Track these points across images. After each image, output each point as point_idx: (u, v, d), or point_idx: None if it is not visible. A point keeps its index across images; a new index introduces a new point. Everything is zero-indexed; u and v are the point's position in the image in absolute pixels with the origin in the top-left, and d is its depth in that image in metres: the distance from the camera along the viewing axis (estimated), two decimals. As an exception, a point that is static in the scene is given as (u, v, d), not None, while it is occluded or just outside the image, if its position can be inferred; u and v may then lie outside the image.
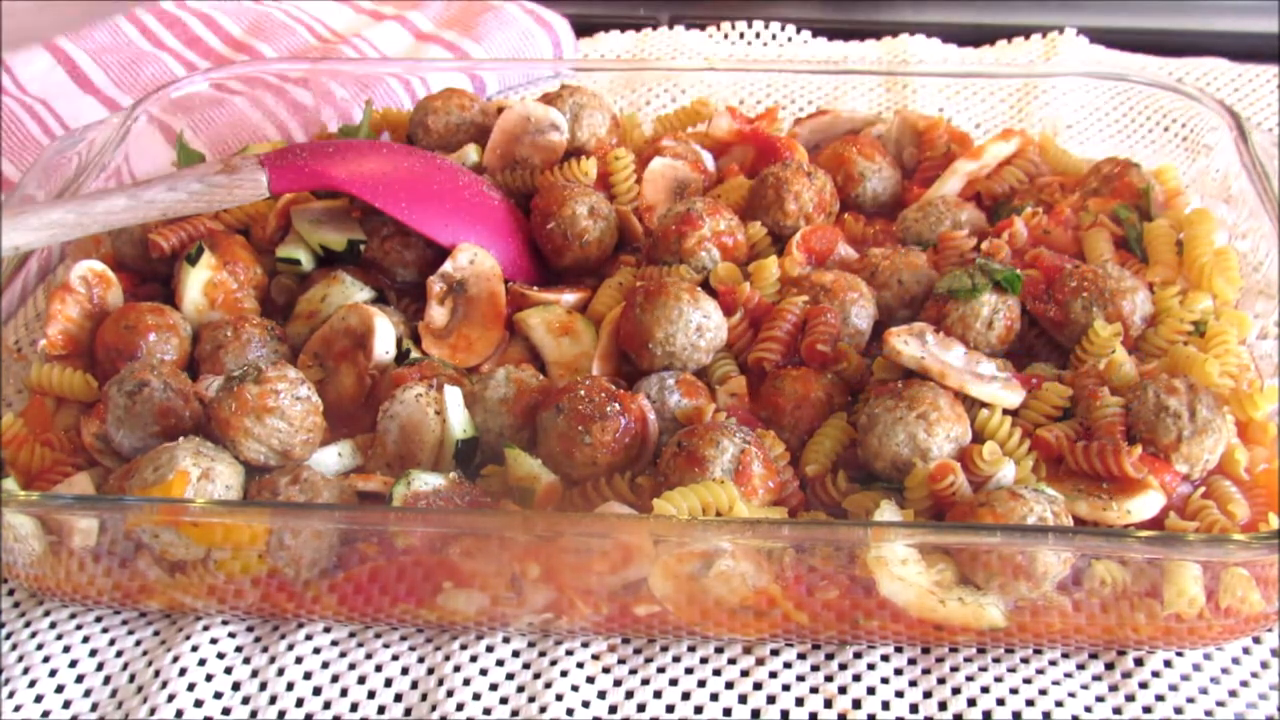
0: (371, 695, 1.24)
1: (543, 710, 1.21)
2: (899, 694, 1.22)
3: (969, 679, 1.23)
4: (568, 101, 1.71)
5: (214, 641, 1.29)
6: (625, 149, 1.69)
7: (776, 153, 1.69)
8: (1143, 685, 1.22)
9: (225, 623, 1.30)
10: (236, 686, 1.25)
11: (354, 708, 1.23)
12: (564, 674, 1.25)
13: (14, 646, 1.29)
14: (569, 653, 1.27)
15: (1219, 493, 1.24)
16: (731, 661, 1.26)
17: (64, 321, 1.45)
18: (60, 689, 1.26)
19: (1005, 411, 1.28)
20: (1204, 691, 1.22)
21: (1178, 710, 1.20)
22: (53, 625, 1.32)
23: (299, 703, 1.24)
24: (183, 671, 1.26)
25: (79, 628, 1.31)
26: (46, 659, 1.28)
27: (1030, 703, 1.21)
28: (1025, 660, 1.25)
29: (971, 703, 1.21)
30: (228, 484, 1.22)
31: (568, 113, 1.70)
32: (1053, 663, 1.24)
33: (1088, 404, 1.28)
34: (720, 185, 1.68)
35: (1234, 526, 1.20)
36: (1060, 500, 1.18)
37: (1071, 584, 1.16)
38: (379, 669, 1.26)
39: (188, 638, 1.29)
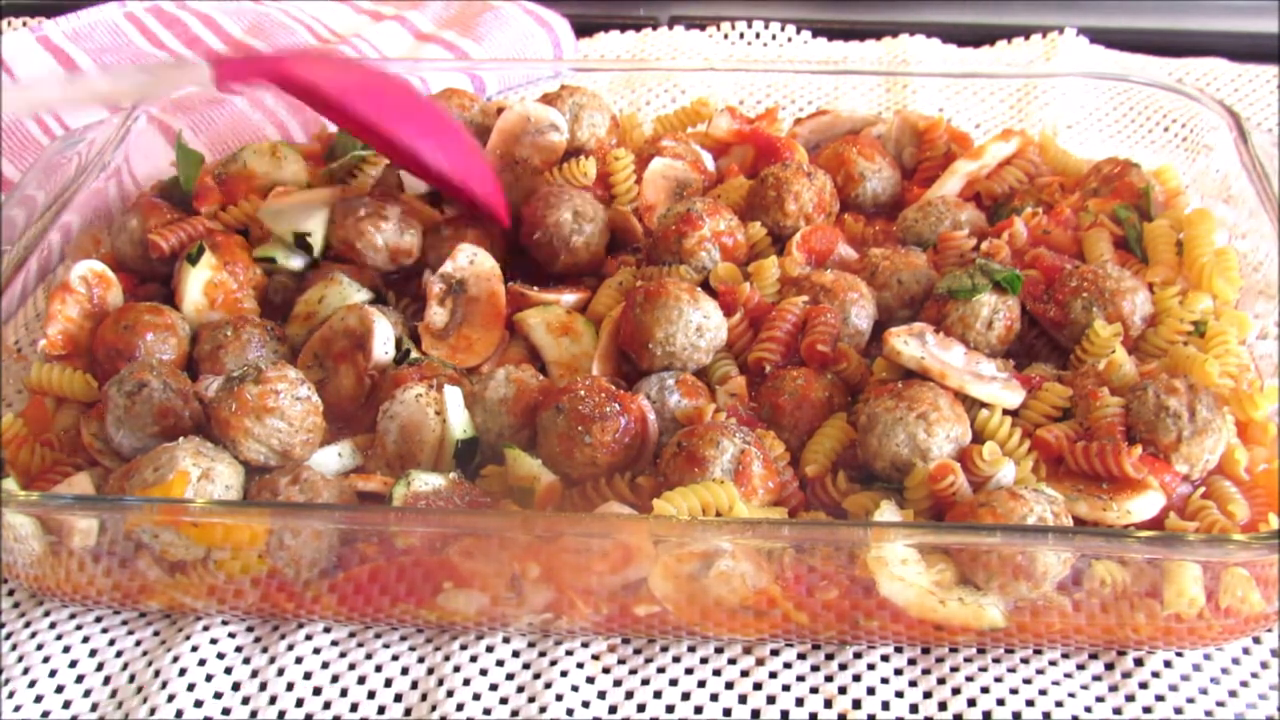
0: (371, 695, 1.24)
1: (542, 710, 1.21)
2: (899, 694, 1.22)
3: (969, 679, 1.23)
4: (567, 102, 1.71)
5: (214, 641, 1.29)
6: (625, 149, 1.69)
7: (776, 153, 1.69)
8: (1143, 685, 1.22)
9: (225, 623, 1.30)
10: (236, 686, 1.25)
11: (354, 708, 1.23)
12: (564, 674, 1.25)
13: (14, 646, 1.29)
14: (569, 653, 1.27)
15: (1219, 493, 1.24)
16: (731, 661, 1.26)
17: (64, 321, 1.45)
18: (60, 689, 1.26)
19: (1005, 412, 1.28)
20: (1204, 692, 1.21)
21: (1178, 710, 1.20)
22: (53, 625, 1.32)
23: (299, 703, 1.24)
24: (183, 671, 1.26)
25: (79, 628, 1.31)
26: (46, 659, 1.28)
27: (1030, 703, 1.21)
28: (1025, 660, 1.25)
29: (971, 703, 1.21)
30: (228, 484, 1.22)
31: (567, 113, 1.69)
32: (1053, 663, 1.24)
33: (1087, 404, 1.28)
34: (720, 185, 1.68)
35: (1234, 527, 1.20)
36: (1060, 500, 1.18)
37: (1071, 584, 1.16)
38: (379, 669, 1.26)
39: (188, 638, 1.29)
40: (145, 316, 1.43)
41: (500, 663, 1.26)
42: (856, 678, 1.24)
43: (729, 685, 1.24)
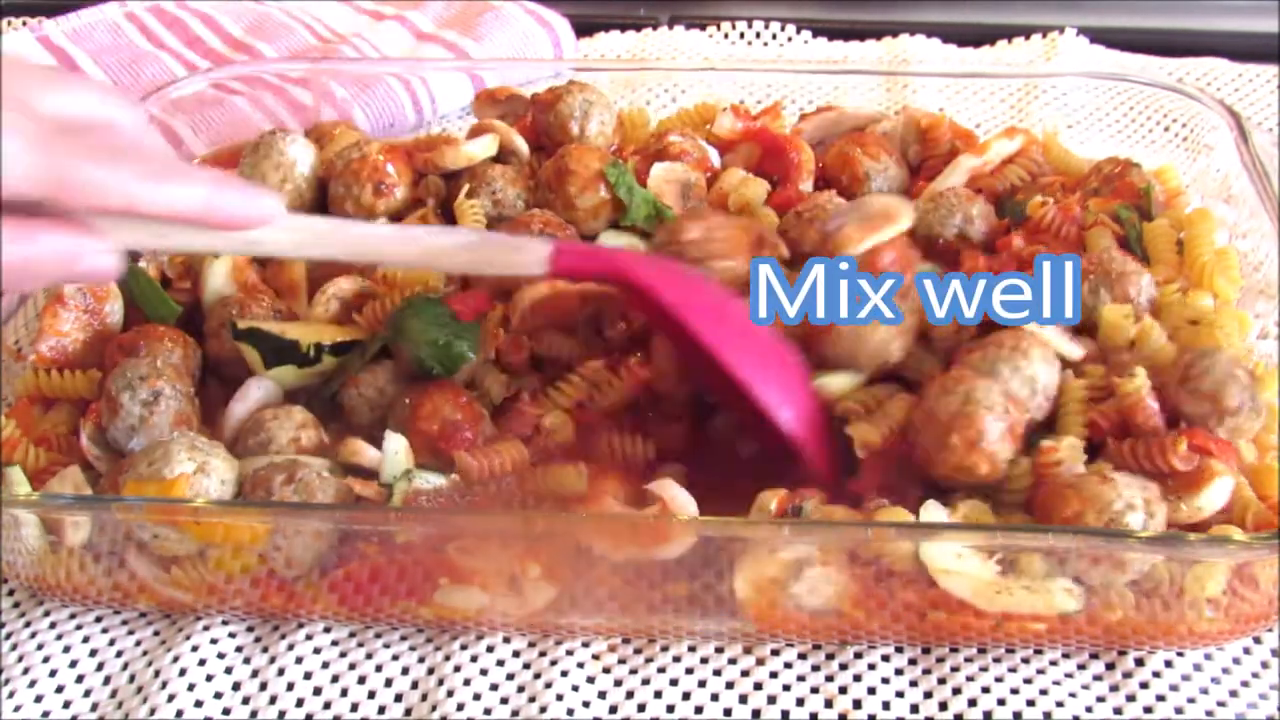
0: (372, 695, 1.24)
1: (543, 710, 1.21)
2: (900, 694, 1.22)
3: (970, 679, 1.23)
4: (577, 98, 1.69)
5: (214, 641, 1.28)
6: (626, 153, 1.68)
7: (782, 150, 1.68)
8: (1143, 685, 1.22)
9: (225, 623, 1.30)
10: (236, 686, 1.25)
11: (354, 708, 1.23)
12: (564, 674, 1.24)
13: (14, 646, 1.29)
14: (569, 653, 1.27)
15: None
16: (732, 661, 1.26)
17: (55, 336, 1.43)
18: (60, 689, 1.26)
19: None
20: (1205, 692, 1.21)
21: (1178, 710, 1.20)
22: (53, 625, 1.32)
23: (299, 703, 1.23)
24: (183, 671, 1.26)
25: (79, 628, 1.31)
26: (46, 659, 1.28)
27: (1031, 703, 1.21)
28: (1026, 660, 1.24)
29: (972, 703, 1.21)
30: (223, 478, 1.22)
31: (577, 110, 1.69)
32: (1053, 663, 1.24)
33: (1121, 372, 1.25)
34: (722, 174, 1.67)
35: (1271, 515, 1.18)
36: (1153, 486, 1.15)
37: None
38: (379, 669, 1.26)
39: (188, 638, 1.29)
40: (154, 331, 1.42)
41: (501, 662, 1.26)
42: (857, 677, 1.24)
43: (729, 685, 1.24)
